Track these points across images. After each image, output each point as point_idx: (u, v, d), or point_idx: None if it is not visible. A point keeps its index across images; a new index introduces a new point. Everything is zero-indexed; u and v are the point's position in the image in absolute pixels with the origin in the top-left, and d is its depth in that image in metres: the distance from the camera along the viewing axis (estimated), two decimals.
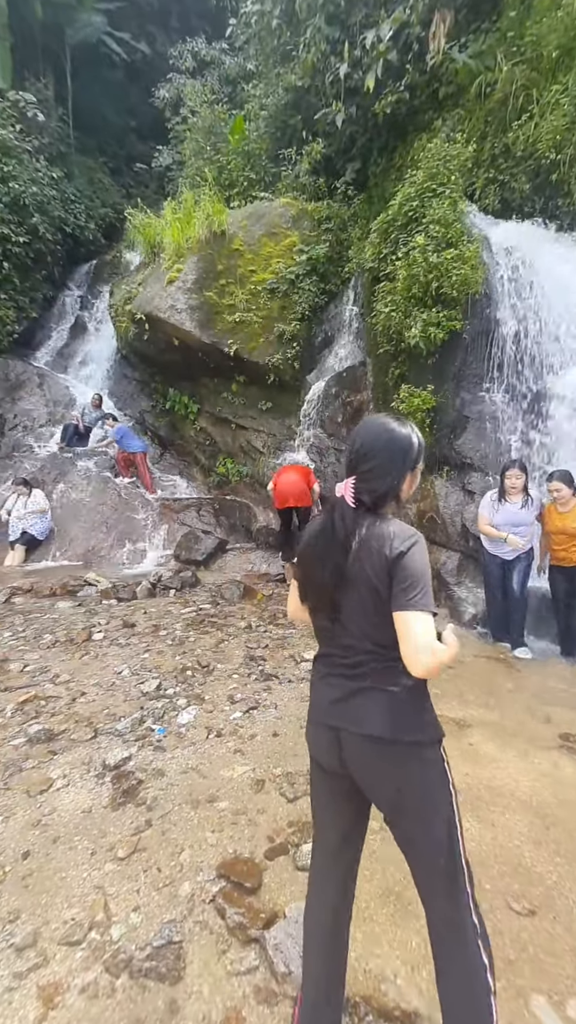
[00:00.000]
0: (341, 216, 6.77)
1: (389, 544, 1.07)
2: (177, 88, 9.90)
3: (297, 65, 6.81)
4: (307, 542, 1.18)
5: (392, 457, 1.13)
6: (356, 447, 1.16)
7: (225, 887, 1.74)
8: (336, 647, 1.17)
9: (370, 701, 1.11)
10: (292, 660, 3.63)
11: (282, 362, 6.32)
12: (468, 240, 5.10)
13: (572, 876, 1.79)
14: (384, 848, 1.85)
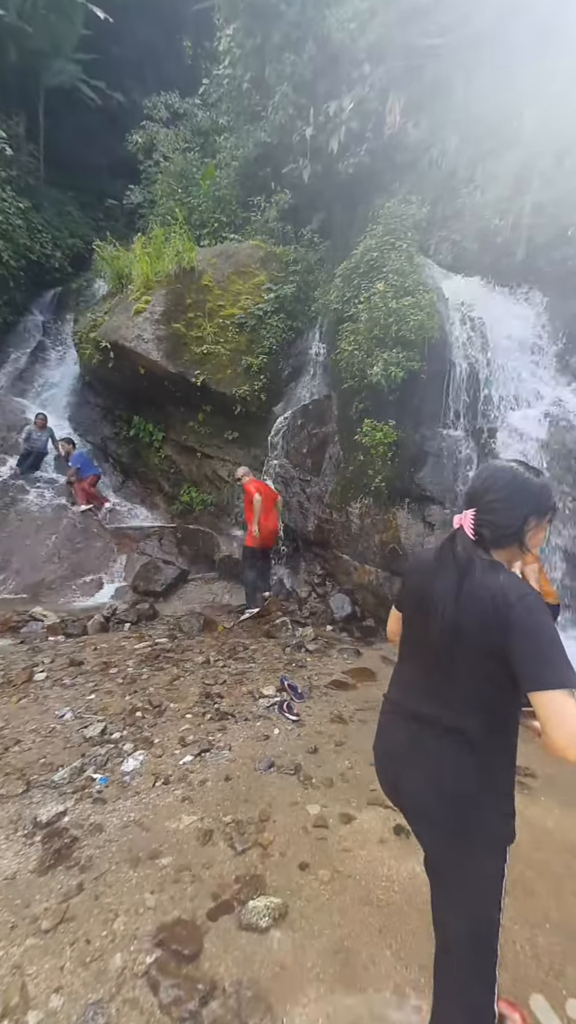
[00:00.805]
0: (308, 260, 7.16)
1: (502, 594, 0.96)
2: (150, 135, 10.39)
3: (266, 124, 7.37)
4: (424, 579, 1.12)
5: (519, 491, 1.06)
6: (482, 478, 1.12)
7: (160, 956, 1.58)
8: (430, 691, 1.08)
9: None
10: (251, 696, 3.51)
11: (249, 393, 6.45)
12: (424, 290, 5.50)
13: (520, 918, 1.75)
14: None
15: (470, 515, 1.08)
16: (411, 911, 1.79)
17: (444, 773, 1.03)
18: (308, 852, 2.09)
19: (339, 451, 6.18)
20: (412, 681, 1.14)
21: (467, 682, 1.02)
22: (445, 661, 1.04)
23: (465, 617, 1.00)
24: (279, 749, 2.87)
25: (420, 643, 1.11)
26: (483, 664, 0.99)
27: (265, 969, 1.57)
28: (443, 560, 1.08)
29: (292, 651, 4.37)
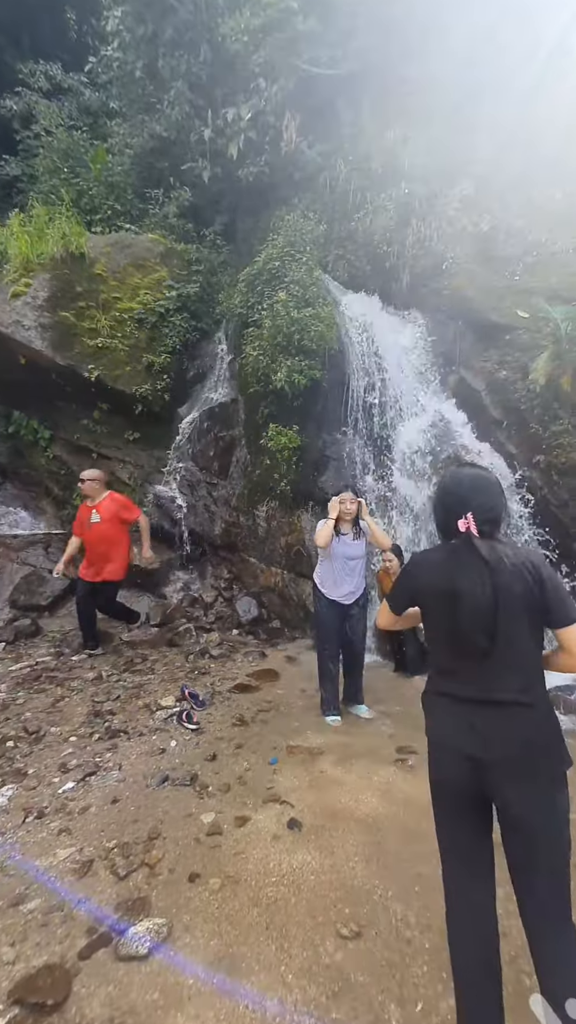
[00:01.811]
0: (211, 261, 7.09)
1: (527, 557, 1.23)
2: (28, 104, 9.40)
3: (162, 118, 7.14)
4: (445, 574, 1.25)
5: (498, 491, 1.32)
6: (466, 486, 1.29)
7: (16, 1016, 1.39)
8: (484, 673, 1.22)
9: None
10: (147, 710, 3.33)
11: (151, 393, 6.16)
12: (323, 303, 5.79)
13: (394, 885, 1.89)
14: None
15: (472, 518, 1.24)
16: (297, 901, 1.83)
17: (534, 735, 1.19)
18: (200, 862, 2.03)
19: (246, 455, 6.20)
20: (464, 669, 1.27)
21: (517, 655, 1.22)
22: (491, 639, 1.19)
23: (511, 588, 1.19)
24: (175, 761, 2.76)
25: (454, 633, 1.24)
26: (526, 622, 1.21)
27: (143, 996, 1.47)
28: (464, 558, 1.23)
29: (195, 658, 4.25)
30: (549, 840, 1.16)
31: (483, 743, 1.20)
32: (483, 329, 5.97)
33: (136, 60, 7.20)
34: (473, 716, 1.23)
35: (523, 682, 1.22)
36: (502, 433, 5.43)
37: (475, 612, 1.18)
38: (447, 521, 1.29)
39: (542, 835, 1.16)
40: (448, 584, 1.23)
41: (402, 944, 1.65)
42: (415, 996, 1.48)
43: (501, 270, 6.16)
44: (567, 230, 6.00)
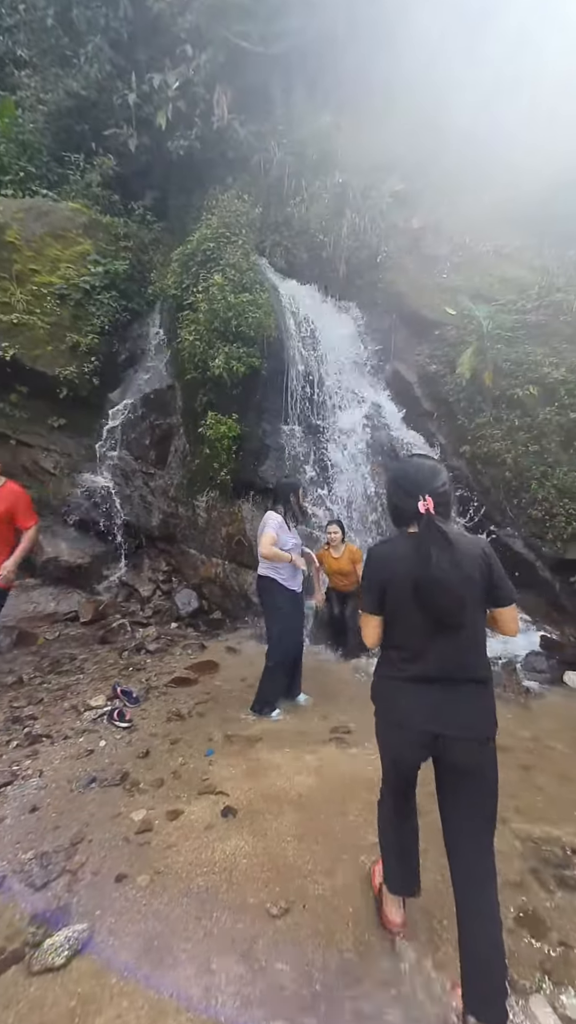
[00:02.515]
0: (141, 237, 6.70)
1: (477, 544, 1.37)
2: None
3: (79, 74, 6.57)
4: (404, 556, 1.32)
5: (447, 477, 1.41)
6: (424, 473, 1.38)
7: None
8: (452, 653, 1.31)
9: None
10: (74, 711, 3.15)
11: (77, 376, 5.73)
12: (261, 289, 5.70)
13: (324, 859, 1.95)
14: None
15: (431, 499, 1.31)
16: (229, 887, 1.83)
17: (484, 705, 1.34)
18: (127, 861, 1.96)
19: (184, 443, 6.00)
20: (431, 650, 1.33)
21: (475, 634, 1.33)
22: (456, 625, 1.29)
23: (470, 573, 1.29)
24: (104, 762, 2.64)
25: (415, 622, 1.32)
26: (480, 602, 1.33)
27: (58, 1008, 1.39)
28: (428, 542, 1.28)
29: (130, 654, 4.08)
30: (493, 792, 1.36)
31: (447, 721, 1.30)
32: (415, 324, 6.22)
33: (47, 6, 6.54)
34: (440, 695, 1.32)
35: (482, 659, 1.35)
36: (433, 424, 5.71)
37: (450, 593, 1.26)
38: (406, 504, 1.35)
39: (490, 788, 1.35)
40: (421, 570, 1.27)
41: (329, 912, 1.71)
42: (339, 960, 1.53)
43: (431, 267, 6.44)
44: (488, 234, 6.39)
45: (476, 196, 6.57)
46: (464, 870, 1.36)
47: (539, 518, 4.60)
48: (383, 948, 1.59)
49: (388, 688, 1.43)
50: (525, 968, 1.53)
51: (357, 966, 1.53)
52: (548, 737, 2.93)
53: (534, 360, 5.01)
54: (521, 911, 1.73)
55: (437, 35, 6.61)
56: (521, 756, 2.74)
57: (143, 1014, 1.38)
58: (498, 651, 4.15)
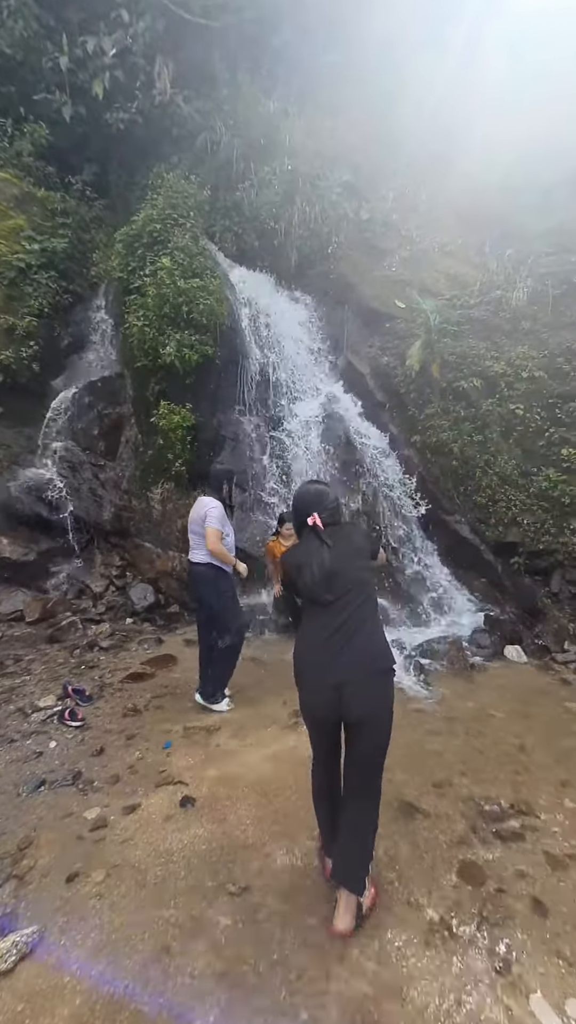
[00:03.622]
0: (81, 215, 6.31)
1: (361, 529, 2.15)
2: None
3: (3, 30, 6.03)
4: (304, 559, 1.75)
5: (333, 499, 1.88)
6: (312, 495, 1.88)
7: None
8: (334, 598, 1.70)
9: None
10: (20, 714, 3.01)
11: (15, 361, 5.36)
12: (212, 275, 5.56)
13: (281, 838, 2.01)
14: None
15: (317, 516, 1.80)
16: (187, 873, 1.84)
17: (373, 635, 1.70)
18: (81, 859, 1.92)
19: (137, 434, 5.79)
20: (327, 617, 1.70)
21: (355, 579, 1.74)
22: (338, 576, 1.71)
23: (346, 551, 1.76)
24: (55, 763, 2.55)
25: (310, 579, 1.72)
26: (365, 563, 1.83)
27: (5, 1013, 1.35)
28: (313, 543, 1.77)
29: (82, 652, 3.94)
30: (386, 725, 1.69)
31: (348, 656, 1.65)
32: (367, 316, 6.33)
33: None
34: (330, 643, 1.67)
35: (360, 615, 1.70)
36: (385, 415, 5.87)
37: (315, 575, 1.71)
38: (301, 518, 1.86)
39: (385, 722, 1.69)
40: (303, 557, 1.78)
41: (284, 889, 1.76)
42: (294, 934, 1.58)
43: (381, 260, 6.56)
44: (435, 229, 6.59)
45: (425, 190, 6.74)
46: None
47: (483, 504, 4.88)
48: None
49: (307, 644, 1.83)
50: (466, 915, 1.66)
51: (316, 931, 1.59)
52: (489, 707, 3.16)
53: (477, 353, 5.26)
54: (462, 864, 1.87)
55: (394, 24, 6.62)
56: (465, 724, 2.93)
57: (98, 1008, 1.37)
58: (446, 631, 4.39)
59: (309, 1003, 1.37)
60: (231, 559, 3.09)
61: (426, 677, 3.59)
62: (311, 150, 6.50)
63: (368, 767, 1.66)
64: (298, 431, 5.76)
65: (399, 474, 5.43)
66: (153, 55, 5.74)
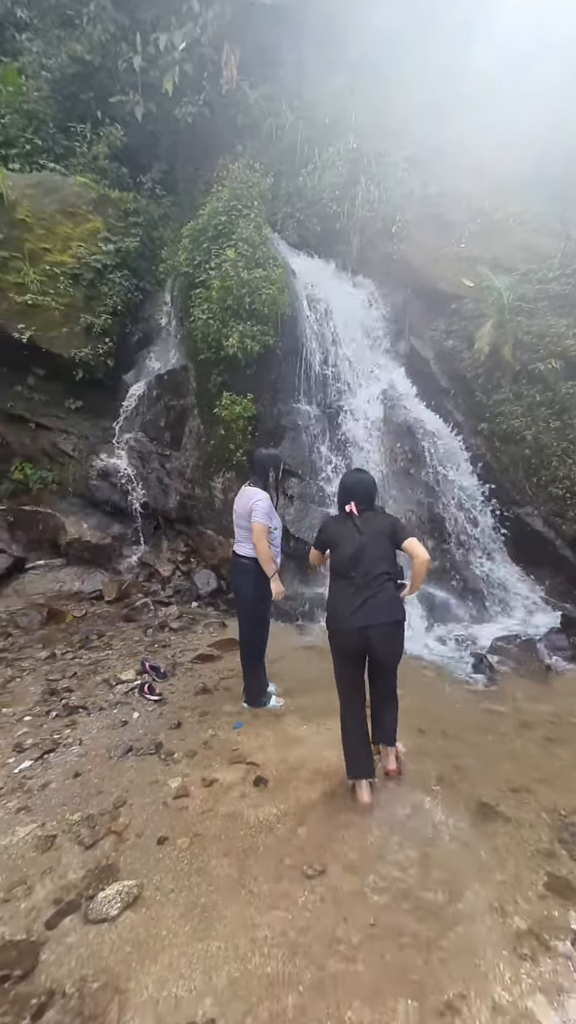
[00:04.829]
0: (151, 213, 6.52)
1: (388, 519, 2.31)
2: None
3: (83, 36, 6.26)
4: (339, 539, 2.23)
5: (371, 487, 2.32)
6: (350, 485, 2.30)
7: None
8: (361, 574, 2.16)
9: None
10: (106, 685, 3.27)
11: (93, 357, 5.71)
12: (274, 264, 5.55)
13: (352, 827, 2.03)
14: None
15: (354, 504, 2.23)
16: (265, 849, 1.92)
17: (388, 597, 2.16)
18: (168, 825, 2.06)
19: (199, 424, 5.98)
20: (350, 572, 2.17)
21: (379, 559, 2.17)
22: (365, 555, 2.16)
23: (375, 535, 2.19)
24: (139, 732, 2.75)
25: (343, 555, 2.21)
26: (385, 546, 2.19)
27: (115, 954, 1.50)
28: (349, 526, 2.22)
29: (155, 632, 4.19)
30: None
31: (373, 605, 2.14)
32: (431, 297, 6.03)
33: None
34: (356, 597, 2.14)
35: (380, 583, 2.15)
36: (450, 402, 5.60)
37: (347, 553, 2.18)
38: (341, 504, 2.28)
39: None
40: (339, 537, 2.23)
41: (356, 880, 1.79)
42: (368, 934, 1.58)
43: (448, 236, 6.18)
44: (510, 197, 6.09)
45: (497, 157, 6.23)
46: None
47: (560, 496, 4.54)
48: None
49: (336, 594, 2.30)
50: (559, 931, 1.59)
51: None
52: (569, 713, 2.97)
53: (557, 332, 4.86)
54: (550, 878, 1.79)
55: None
56: (543, 730, 2.79)
57: (195, 962, 1.48)
58: (516, 629, 4.18)
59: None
60: (272, 568, 2.84)
61: (495, 676, 3.45)
62: (376, 126, 6.23)
63: (389, 684, 2.30)
64: (358, 419, 5.66)
65: (464, 464, 5.18)
66: (221, 44, 5.74)
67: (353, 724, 2.25)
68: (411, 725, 2.69)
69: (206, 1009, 1.32)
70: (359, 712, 2.27)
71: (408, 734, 2.61)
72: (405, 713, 2.43)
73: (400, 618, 2.20)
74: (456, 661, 3.76)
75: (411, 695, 2.55)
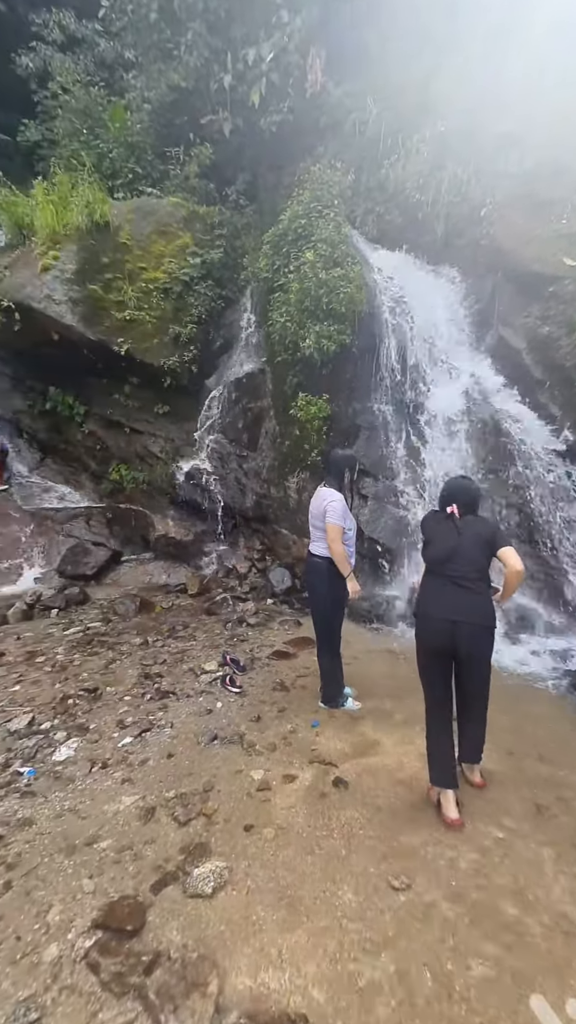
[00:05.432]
0: (234, 223, 6.81)
1: (490, 525, 2.33)
2: (43, 59, 9.01)
3: (180, 65, 6.68)
4: (436, 537, 2.30)
5: (475, 492, 2.37)
6: (454, 488, 2.35)
7: (101, 938, 1.56)
8: (453, 572, 2.20)
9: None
10: (192, 674, 3.48)
11: (179, 365, 6.12)
12: (352, 262, 5.49)
13: (439, 843, 1.95)
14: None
15: (456, 506, 2.27)
16: (348, 853, 1.92)
17: (483, 601, 2.18)
18: (253, 814, 2.14)
19: (275, 426, 6.13)
20: (444, 568, 2.22)
21: (474, 561, 2.18)
22: (461, 555, 2.19)
23: (473, 538, 2.20)
24: (222, 721, 2.89)
25: (438, 552, 2.26)
26: (483, 551, 2.19)
27: (211, 930, 1.60)
28: (448, 526, 2.26)
29: (233, 626, 4.38)
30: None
31: (461, 607, 2.16)
32: (525, 281, 5.53)
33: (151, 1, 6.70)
34: (447, 591, 2.19)
35: (473, 585, 2.16)
36: (544, 394, 5.12)
37: (443, 550, 2.23)
38: (443, 505, 2.34)
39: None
40: (436, 534, 2.30)
41: (451, 896, 1.72)
42: (464, 959, 1.52)
43: (546, 214, 5.62)
44: None
45: None
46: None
47: None
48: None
49: (427, 590, 2.35)
50: None
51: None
52: None
53: None
54: None
55: None
56: None
57: (285, 952, 1.53)
58: None
59: None
60: (347, 567, 2.88)
61: None
62: (467, 106, 5.85)
63: (477, 694, 2.23)
64: (437, 417, 5.41)
65: (561, 463, 4.71)
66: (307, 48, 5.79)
67: (438, 728, 2.20)
68: (498, 745, 2.53)
69: (298, 1004, 1.36)
70: (445, 716, 2.22)
71: (495, 755, 2.45)
72: (491, 731, 2.29)
73: (491, 624, 2.17)
74: (550, 678, 3.45)
75: (498, 712, 2.39)
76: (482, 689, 2.23)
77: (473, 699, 2.24)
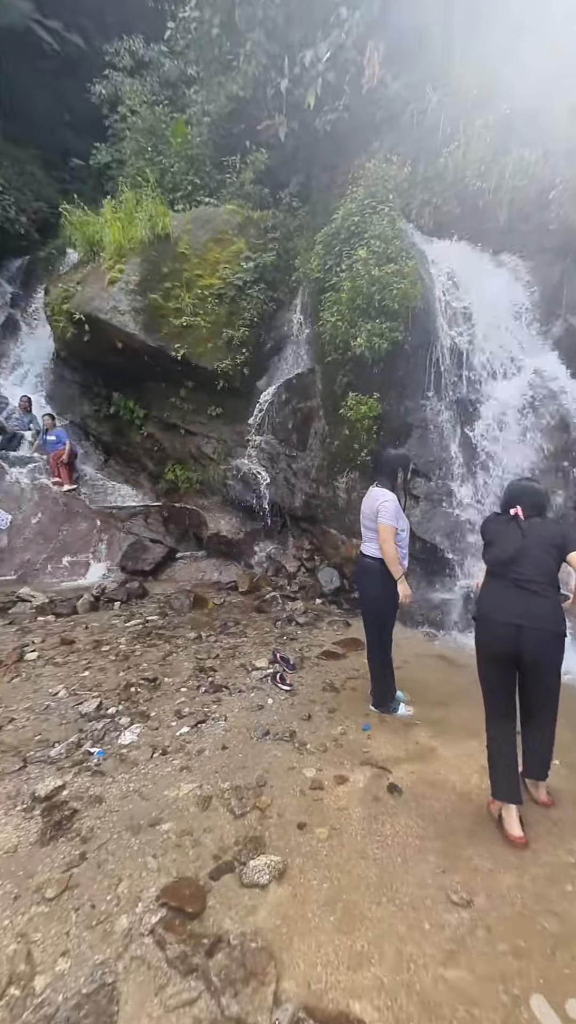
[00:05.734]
0: (287, 226, 6.87)
1: (560, 528, 2.19)
2: (115, 85, 9.63)
3: (238, 75, 6.86)
4: (497, 538, 2.20)
5: (541, 494, 2.27)
6: (518, 491, 2.27)
7: (166, 916, 1.64)
8: (518, 575, 2.09)
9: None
10: (243, 669, 3.56)
11: (231, 368, 6.28)
12: (407, 257, 5.35)
13: (501, 862, 1.86)
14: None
15: (520, 508, 2.18)
16: (404, 861, 1.89)
17: (552, 606, 2.04)
18: (305, 812, 2.16)
19: (324, 426, 6.13)
20: (508, 571, 2.11)
21: (540, 563, 2.07)
22: (526, 557, 2.09)
23: (538, 540, 2.10)
24: (273, 718, 2.94)
25: (501, 554, 2.15)
26: (551, 554, 2.08)
27: (267, 922, 1.63)
28: (512, 527, 2.17)
29: (283, 624, 4.43)
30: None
31: (528, 612, 2.03)
32: None
33: (213, 16, 6.94)
34: (509, 593, 2.08)
35: (540, 588, 2.04)
36: None
37: (506, 552, 2.12)
38: (506, 507, 2.26)
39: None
40: (498, 536, 2.20)
41: (515, 917, 1.64)
42: (537, 989, 1.44)
43: None
44: None
45: None
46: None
47: None
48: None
49: (486, 593, 2.25)
50: None
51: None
52: None
53: None
54: None
55: None
56: None
57: (342, 953, 1.53)
58: None
59: None
60: (399, 569, 2.80)
61: None
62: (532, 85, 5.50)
63: (544, 702, 2.09)
64: (496, 414, 5.14)
65: None
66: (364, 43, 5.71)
67: (500, 739, 2.09)
68: (566, 761, 2.37)
69: (356, 1008, 1.36)
70: (508, 727, 2.11)
71: (564, 770, 2.30)
72: (558, 747, 2.15)
73: (562, 630, 2.02)
74: None
75: (565, 727, 2.24)
76: (549, 700, 2.08)
77: (539, 710, 2.10)
